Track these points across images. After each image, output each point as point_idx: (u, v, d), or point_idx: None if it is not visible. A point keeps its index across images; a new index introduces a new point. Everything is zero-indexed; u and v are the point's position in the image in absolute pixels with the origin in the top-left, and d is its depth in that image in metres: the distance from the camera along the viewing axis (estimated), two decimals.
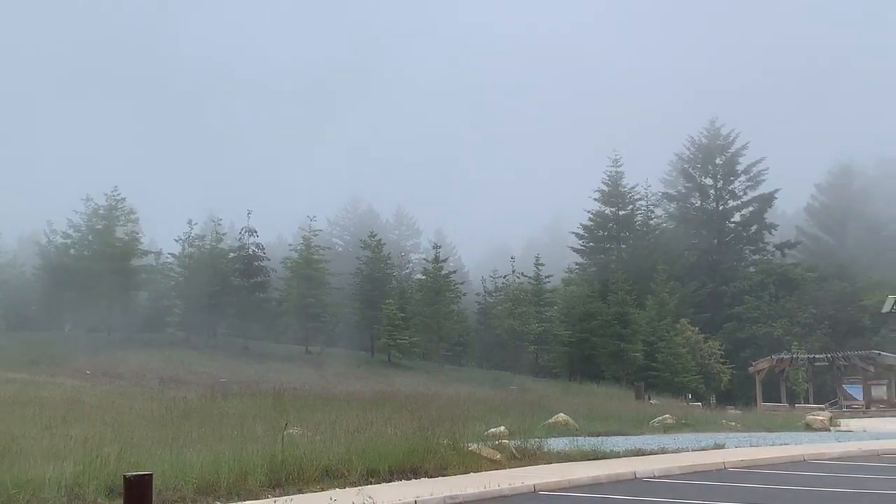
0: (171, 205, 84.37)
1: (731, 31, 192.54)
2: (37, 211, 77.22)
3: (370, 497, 13.83)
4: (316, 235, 72.47)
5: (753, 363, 63.74)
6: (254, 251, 71.93)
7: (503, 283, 75.93)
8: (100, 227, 69.16)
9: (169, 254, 72.78)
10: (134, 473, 5.05)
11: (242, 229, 71.36)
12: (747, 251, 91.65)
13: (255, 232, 71.48)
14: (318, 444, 17.41)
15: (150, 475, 5.13)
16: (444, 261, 77.41)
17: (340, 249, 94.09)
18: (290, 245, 75.01)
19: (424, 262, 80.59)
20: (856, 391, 56.57)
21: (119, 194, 70.32)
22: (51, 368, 46.41)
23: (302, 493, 14.81)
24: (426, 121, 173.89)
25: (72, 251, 69.95)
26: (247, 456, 15.63)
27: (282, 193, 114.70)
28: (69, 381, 40.82)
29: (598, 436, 25.85)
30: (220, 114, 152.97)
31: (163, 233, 76.47)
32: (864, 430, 35.04)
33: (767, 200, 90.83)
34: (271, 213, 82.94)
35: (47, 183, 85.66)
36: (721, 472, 20.49)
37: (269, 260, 72.69)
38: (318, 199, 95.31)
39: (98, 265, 66.01)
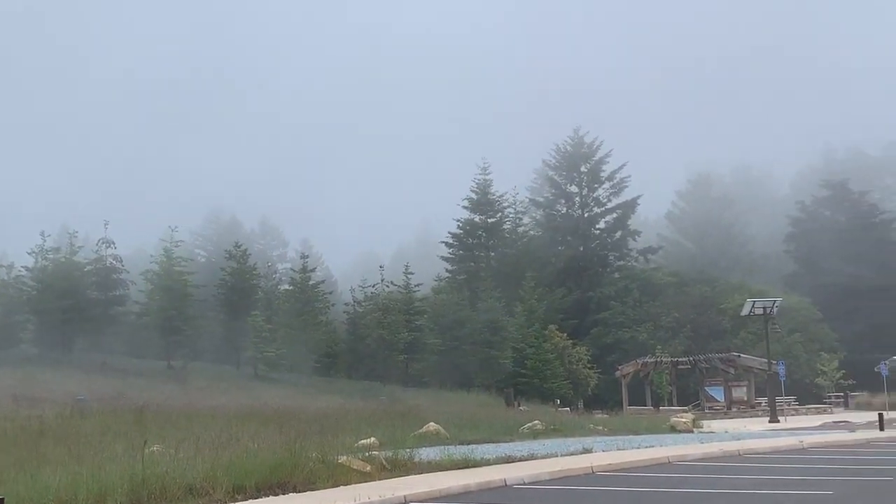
0: (22, 216, 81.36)
1: (595, 39, 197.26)
2: None
3: None
4: (178, 246, 70.84)
5: (619, 367, 65.33)
6: (112, 263, 69.87)
7: (372, 292, 75.74)
8: None
9: (22, 267, 70.10)
10: None
11: (99, 241, 69.22)
12: (612, 257, 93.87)
13: (113, 244, 69.44)
14: (181, 462, 17.00)
15: (2, 500, 4.89)
16: (312, 271, 76.80)
17: (204, 261, 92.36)
18: (150, 256, 73.10)
19: (291, 272, 79.76)
20: (717, 393, 58.50)
21: None
22: None
23: None
24: (290, 129, 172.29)
25: None
26: (106, 476, 15.15)
27: (142, 204, 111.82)
28: None
29: (469, 444, 26.00)
30: (74, 119, 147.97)
31: (14, 245, 73.67)
32: (726, 431, 36.33)
33: (631, 207, 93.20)
34: (131, 225, 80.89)
35: None
36: (589, 477, 20.88)
37: (128, 272, 70.72)
38: (179, 210, 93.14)
39: None
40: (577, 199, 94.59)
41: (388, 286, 75.06)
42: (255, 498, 15.94)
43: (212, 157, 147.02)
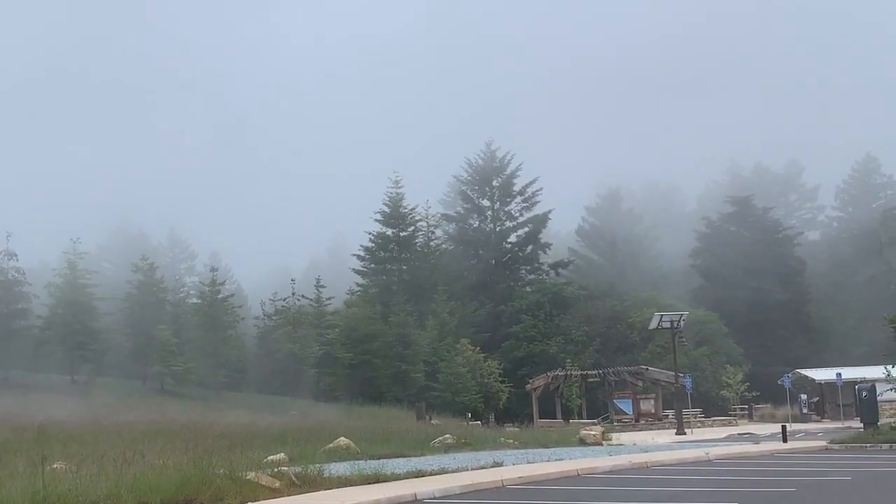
0: None
1: (506, 52, 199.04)
2: None
3: None
4: (82, 258, 69.46)
5: (530, 381, 65.82)
6: (14, 276, 68.17)
7: (283, 305, 75.15)
8: None
9: None
10: None
11: (1, 253, 67.48)
12: (524, 271, 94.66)
13: (16, 256, 67.80)
14: (84, 479, 16.64)
15: None
16: (221, 284, 75.84)
17: (110, 274, 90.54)
18: (53, 270, 71.51)
19: (200, 285, 78.68)
20: (626, 405, 59.34)
21: None
22: None
23: None
24: (199, 138, 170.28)
25: None
26: (6, 494, 14.77)
27: (45, 216, 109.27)
28: None
29: (380, 458, 25.94)
30: None
31: None
32: (634, 444, 36.89)
33: (542, 221, 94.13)
34: (34, 237, 78.95)
35: None
36: (500, 490, 21.01)
37: (31, 285, 69.12)
38: (85, 223, 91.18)
39: None
40: (489, 212, 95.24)
41: (299, 300, 74.59)
42: None
43: (118, 168, 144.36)
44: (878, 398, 42.66)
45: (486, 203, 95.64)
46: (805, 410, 60.67)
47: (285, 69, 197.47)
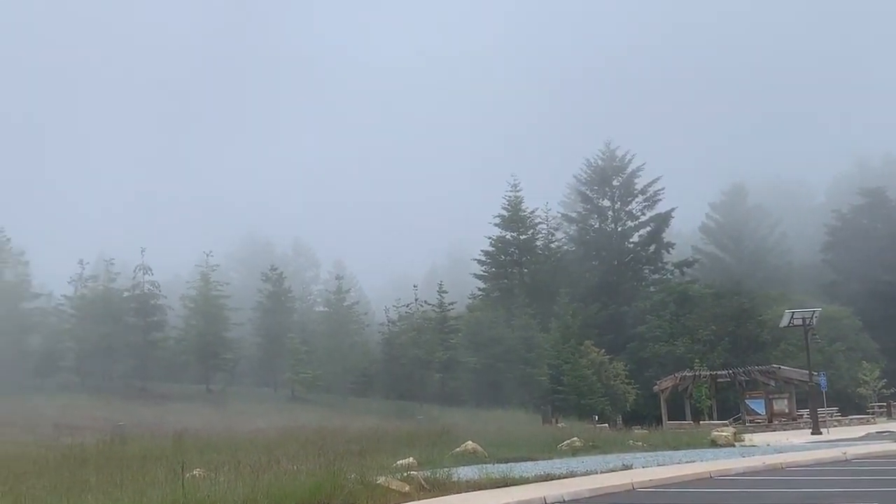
0: (60, 244, 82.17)
1: (625, 51, 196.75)
2: None
3: None
4: (214, 270, 71.46)
5: (657, 382, 64.81)
6: (149, 289, 70.51)
7: (406, 311, 75.91)
8: None
9: (61, 295, 70.90)
10: None
11: (136, 268, 69.92)
12: (647, 271, 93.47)
13: (150, 270, 70.12)
14: (222, 485, 17.09)
15: None
16: (346, 292, 77.13)
17: (239, 284, 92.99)
18: (187, 282, 73.77)
19: (326, 293, 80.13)
20: (758, 406, 57.89)
21: (4, 234, 68.66)
22: None
23: None
24: (321, 148, 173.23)
25: None
26: (147, 502, 15.27)
27: (177, 230, 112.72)
28: None
29: (508, 462, 25.90)
30: (107, 146, 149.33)
31: (53, 274, 74.44)
32: (768, 445, 35.94)
33: (664, 220, 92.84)
34: (167, 251, 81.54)
35: None
36: (630, 493, 20.74)
37: (165, 298, 71.32)
38: (214, 234, 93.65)
39: None
40: (609, 213, 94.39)
41: (422, 305, 75.22)
42: None
43: (244, 180, 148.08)
44: None
45: (606, 203, 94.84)
46: None
47: (403, 76, 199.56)
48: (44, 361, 66.06)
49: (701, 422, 58.86)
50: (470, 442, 29.68)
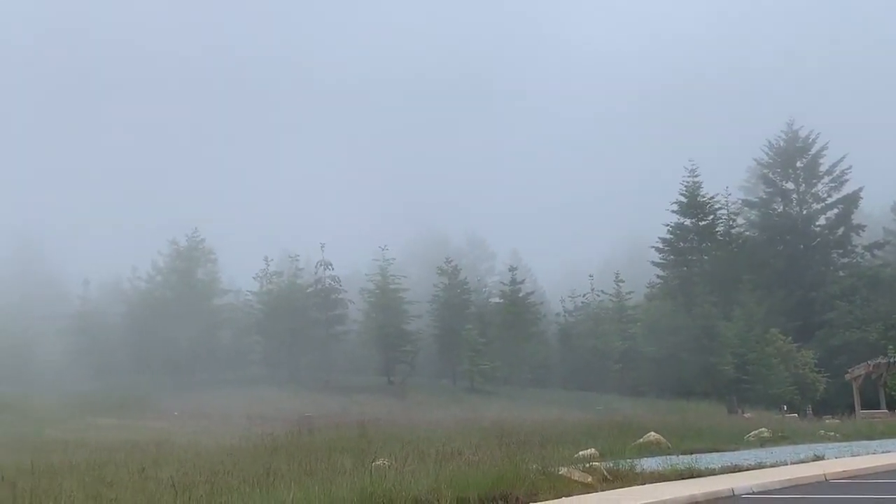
0: (245, 241, 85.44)
1: (792, 29, 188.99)
2: (115, 258, 79.08)
3: None
4: (391, 264, 72.98)
5: (849, 370, 62.22)
6: (330, 284, 72.60)
7: (583, 301, 75.50)
8: (181, 269, 71.20)
9: (248, 291, 73.94)
10: None
11: (318, 263, 72.15)
12: (835, 255, 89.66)
13: (331, 265, 72.22)
14: (406, 475, 17.43)
15: None
16: (522, 283, 77.34)
17: (415, 277, 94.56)
18: (366, 275, 75.61)
19: (501, 285, 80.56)
20: None
21: (198, 235, 72.24)
22: (139, 412, 47.37)
23: None
24: (490, 140, 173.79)
25: (155, 294, 71.88)
26: (336, 490, 15.71)
27: (353, 224, 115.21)
28: (157, 424, 41.62)
29: (692, 453, 25.40)
30: (287, 147, 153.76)
31: (240, 271, 77.72)
32: None
33: (853, 201, 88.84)
34: (344, 245, 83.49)
35: (125, 229, 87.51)
36: (822, 485, 20.03)
37: (346, 292, 73.28)
38: (389, 228, 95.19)
39: (180, 307, 67.52)
40: (794, 196, 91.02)
41: (598, 295, 74.64)
42: None
43: (419, 174, 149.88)
44: None
45: (790, 186, 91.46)
46: None
47: (572, 64, 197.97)
48: (234, 355, 69.09)
49: None
50: (653, 433, 29.29)
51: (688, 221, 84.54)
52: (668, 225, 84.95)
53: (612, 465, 20.77)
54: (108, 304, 75.88)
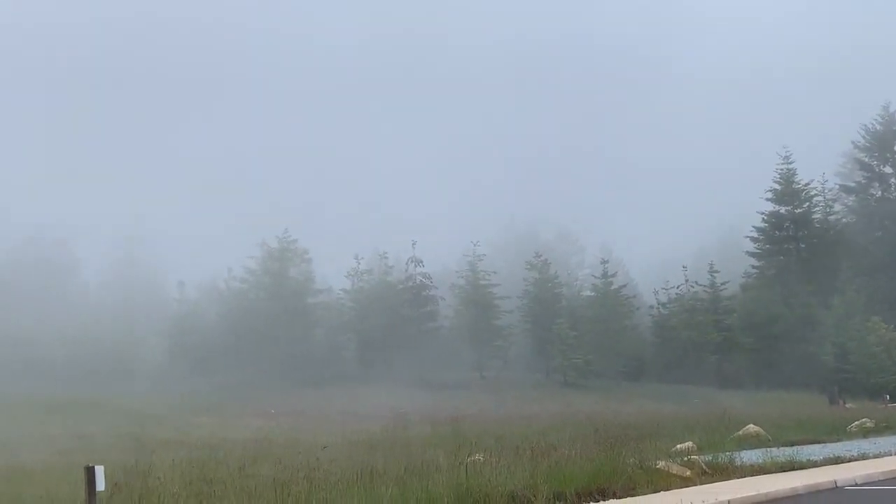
0: (335, 240, 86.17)
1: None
2: (210, 259, 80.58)
3: None
4: (481, 260, 73.10)
5: None
6: (421, 281, 73.01)
7: (677, 293, 74.57)
8: (273, 270, 72.49)
9: (340, 290, 74.81)
10: None
11: (408, 260, 72.64)
12: None
13: (421, 262, 72.65)
14: (501, 471, 17.45)
15: None
16: (613, 275, 76.71)
17: (505, 273, 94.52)
18: (455, 272, 75.81)
19: (592, 278, 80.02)
20: None
21: (289, 236, 73.32)
22: (237, 410, 48.28)
23: None
24: (576, 131, 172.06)
25: (249, 295, 73.26)
26: (433, 487, 15.81)
27: (442, 220, 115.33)
28: (255, 422, 42.34)
29: (793, 445, 24.95)
30: (367, 143, 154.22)
31: (332, 270, 78.60)
32: None
33: None
34: (433, 242, 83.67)
35: (218, 231, 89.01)
36: None
37: (436, 288, 73.62)
38: (478, 224, 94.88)
39: (274, 306, 68.69)
40: (892, 180, 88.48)
41: (692, 286, 73.63)
42: (576, 503, 16.06)
43: (505, 168, 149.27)
44: None
45: (888, 170, 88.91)
46: None
47: (657, 49, 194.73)
48: (328, 353, 69.99)
49: None
50: (751, 425, 28.89)
51: (783, 209, 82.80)
52: (762, 213, 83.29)
53: (710, 458, 20.55)
54: (204, 306, 77.51)
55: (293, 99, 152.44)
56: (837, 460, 21.76)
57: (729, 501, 16.29)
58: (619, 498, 16.92)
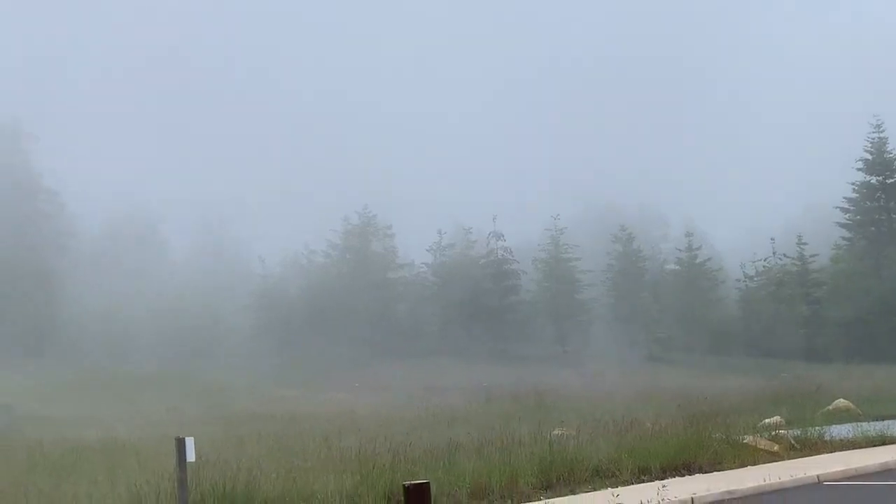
0: (418, 214, 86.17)
1: None
2: (292, 235, 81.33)
3: (659, 492, 13.62)
4: (562, 234, 72.77)
5: None
6: (503, 255, 72.95)
7: (764, 266, 73.34)
8: (355, 246, 73.15)
9: (422, 264, 75.17)
10: (413, 482, 5.34)
11: (490, 234, 72.58)
12: None
13: (503, 236, 72.53)
14: (585, 445, 17.44)
15: (428, 483, 5.41)
16: (697, 248, 75.79)
17: (587, 247, 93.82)
18: (537, 245, 75.57)
19: (677, 251, 79.08)
20: None
21: (370, 211, 73.84)
22: (321, 384, 48.91)
23: (574, 493, 14.87)
24: (659, 103, 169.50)
25: (331, 270, 74.07)
26: (516, 459, 15.87)
27: (523, 194, 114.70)
28: (338, 395, 42.86)
29: (884, 420, 24.44)
30: (449, 117, 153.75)
31: (414, 243, 78.83)
32: None
33: None
34: (515, 216, 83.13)
35: (298, 206, 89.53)
36: None
37: (518, 262, 73.48)
38: (558, 197, 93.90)
39: (357, 281, 69.35)
40: None
41: (780, 259, 72.37)
42: (661, 479, 15.92)
43: (586, 141, 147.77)
44: None
45: None
46: None
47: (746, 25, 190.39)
48: (410, 327, 70.45)
49: None
50: (841, 399, 28.39)
51: (874, 179, 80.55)
52: (853, 184, 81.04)
53: (798, 433, 20.32)
54: (287, 281, 78.36)
55: (378, 72, 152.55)
56: None
57: (818, 476, 16.11)
58: (706, 472, 16.84)
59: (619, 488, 14.91)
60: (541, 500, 14.18)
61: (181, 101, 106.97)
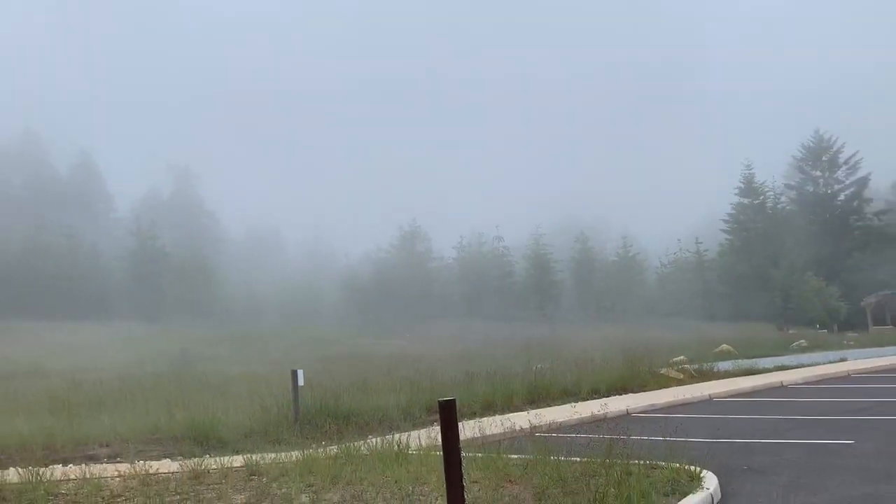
0: (447, 223, 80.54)
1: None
2: (368, 236, 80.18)
3: (604, 405, 13.60)
4: (542, 237, 72.14)
5: (864, 299, 57.73)
6: (503, 251, 72.38)
7: (674, 257, 72.25)
8: (405, 247, 73.19)
9: (450, 258, 74.21)
10: (444, 399, 5.40)
11: (494, 237, 71.96)
12: (852, 219, 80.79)
13: (503, 238, 72.06)
14: (557, 375, 17.41)
15: (454, 400, 5.43)
16: (631, 246, 75.26)
17: (557, 245, 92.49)
18: (525, 244, 74.86)
19: (617, 248, 78.10)
20: None
21: (416, 222, 73.74)
22: (386, 335, 48.98)
23: (549, 406, 14.85)
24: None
25: (390, 263, 74.10)
26: (512, 384, 15.88)
27: (517, 207, 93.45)
28: (397, 342, 42.90)
29: (753, 358, 24.27)
30: (477, 150, 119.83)
31: (444, 244, 76.86)
32: None
33: (864, 182, 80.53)
34: (510, 224, 76.63)
35: (373, 217, 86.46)
36: (846, 378, 18.88)
37: (512, 256, 72.44)
38: (541, 209, 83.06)
39: (406, 270, 69.24)
40: (821, 180, 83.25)
41: (685, 253, 71.20)
42: (606, 396, 15.91)
43: (565, 158, 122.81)
44: None
45: (818, 173, 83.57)
46: None
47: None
48: (442, 300, 70.27)
49: None
50: (725, 344, 28.23)
51: (745, 200, 79.51)
52: (731, 204, 79.89)
53: (697, 366, 20.19)
54: (363, 267, 78.39)
55: (424, 107, 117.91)
56: (783, 367, 21.31)
57: (710, 395, 16.05)
58: (636, 392, 16.77)
59: (578, 403, 14.88)
60: (528, 410, 14.18)
61: (294, 143, 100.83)
